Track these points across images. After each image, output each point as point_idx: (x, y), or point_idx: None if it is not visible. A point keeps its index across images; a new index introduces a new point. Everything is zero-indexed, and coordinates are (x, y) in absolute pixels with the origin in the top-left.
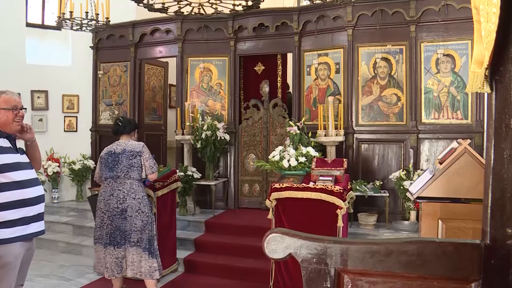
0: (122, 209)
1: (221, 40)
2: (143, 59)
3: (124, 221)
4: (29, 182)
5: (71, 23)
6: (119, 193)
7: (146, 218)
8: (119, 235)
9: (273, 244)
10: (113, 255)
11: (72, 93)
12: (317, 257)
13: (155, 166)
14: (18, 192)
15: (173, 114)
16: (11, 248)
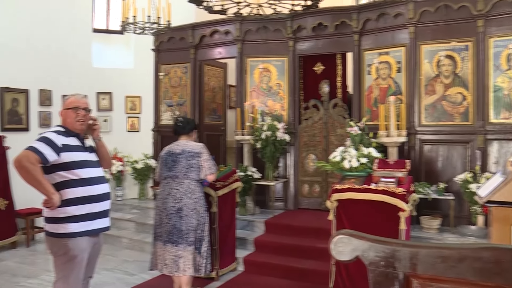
0: (178, 208)
1: (280, 41)
2: (203, 61)
3: (180, 220)
4: (96, 179)
5: (134, 27)
6: (176, 192)
7: (200, 218)
8: (176, 234)
9: (340, 246)
10: (171, 253)
11: (135, 94)
12: (385, 260)
13: (213, 167)
14: (85, 189)
15: (232, 114)
16: (78, 242)
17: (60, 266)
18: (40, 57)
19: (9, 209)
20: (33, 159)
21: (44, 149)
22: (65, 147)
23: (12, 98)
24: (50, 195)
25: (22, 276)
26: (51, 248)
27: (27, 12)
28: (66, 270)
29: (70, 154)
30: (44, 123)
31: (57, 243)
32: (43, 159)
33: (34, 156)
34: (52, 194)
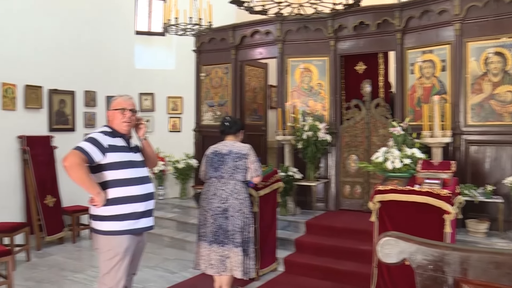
0: (224, 208)
1: (320, 40)
2: (244, 61)
3: (226, 220)
4: (141, 179)
5: (176, 29)
6: (222, 192)
7: (246, 219)
8: (222, 234)
9: (387, 248)
10: (217, 253)
11: (176, 95)
12: (433, 263)
13: (260, 169)
14: (130, 189)
15: (273, 114)
16: (121, 240)
17: (105, 262)
18: (85, 60)
19: (57, 206)
20: (80, 159)
21: (90, 149)
22: (111, 147)
23: (60, 99)
24: (95, 194)
25: (69, 270)
26: (97, 244)
27: (74, 17)
28: (110, 266)
29: (115, 154)
30: (89, 123)
31: (102, 240)
32: (89, 159)
33: (81, 156)
34: (98, 193)
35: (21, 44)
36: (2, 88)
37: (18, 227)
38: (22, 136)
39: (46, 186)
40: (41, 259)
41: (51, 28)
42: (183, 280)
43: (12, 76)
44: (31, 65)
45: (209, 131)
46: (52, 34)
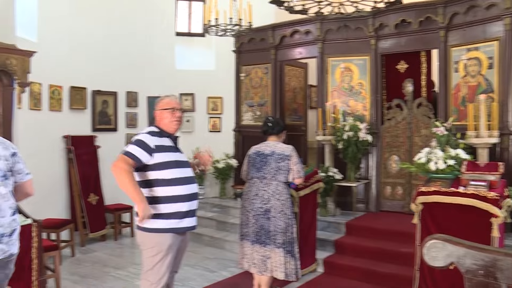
0: (266, 209)
1: (361, 39)
2: (284, 61)
3: (268, 221)
4: (186, 179)
5: (216, 29)
6: (264, 193)
7: (288, 220)
8: (264, 234)
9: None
10: (259, 253)
11: (216, 95)
12: (484, 269)
13: (302, 171)
14: (175, 188)
15: (313, 114)
16: (166, 237)
17: (148, 259)
18: (127, 61)
19: (99, 204)
20: (127, 165)
21: (137, 152)
22: (158, 148)
23: (103, 100)
24: (138, 203)
25: (111, 266)
26: (141, 241)
27: (116, 20)
28: (153, 263)
29: (162, 154)
30: (131, 124)
31: (146, 237)
32: (137, 162)
33: (129, 161)
34: (141, 202)
35: (66, 47)
36: (49, 89)
37: (63, 224)
38: (67, 136)
39: (90, 185)
40: (85, 255)
41: (95, 31)
42: (222, 279)
43: (59, 78)
44: (76, 67)
45: (249, 131)
46: (96, 37)
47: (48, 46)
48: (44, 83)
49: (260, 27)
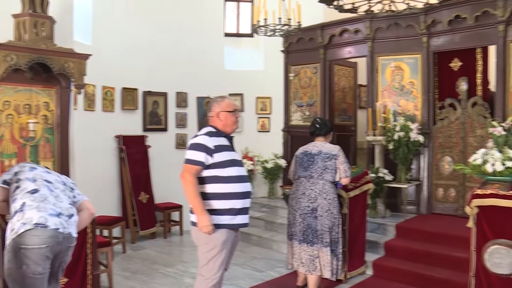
0: (313, 208)
1: (412, 37)
2: (333, 60)
3: (315, 220)
4: (241, 178)
5: (265, 30)
6: (310, 192)
7: (334, 219)
8: (311, 233)
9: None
10: (307, 252)
11: (265, 95)
12: None
13: (349, 170)
14: (231, 186)
15: (363, 114)
16: (220, 233)
17: (203, 254)
18: (177, 62)
19: (150, 203)
20: (192, 176)
21: (199, 156)
22: (217, 148)
23: (153, 100)
24: (198, 214)
25: (161, 264)
26: (195, 237)
27: (166, 22)
28: (208, 258)
29: (221, 154)
30: (181, 124)
31: (201, 233)
32: (201, 165)
33: (193, 169)
34: (201, 214)
35: (119, 49)
36: (102, 91)
37: (115, 221)
38: (119, 136)
39: (140, 183)
40: (135, 252)
41: (145, 34)
42: (270, 279)
43: (111, 80)
44: (127, 69)
45: (298, 131)
46: (146, 39)
47: (101, 49)
48: (97, 84)
49: (309, 27)
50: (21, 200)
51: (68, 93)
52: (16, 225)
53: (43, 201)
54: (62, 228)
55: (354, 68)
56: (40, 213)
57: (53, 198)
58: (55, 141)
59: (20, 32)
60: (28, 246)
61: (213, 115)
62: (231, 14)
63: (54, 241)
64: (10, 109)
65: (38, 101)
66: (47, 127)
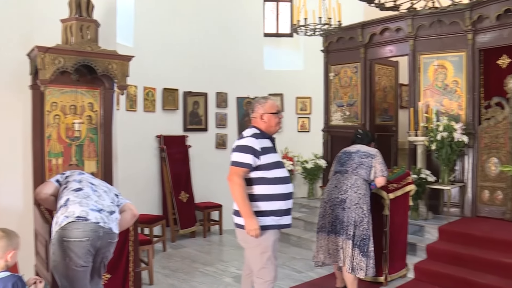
0: (342, 199)
1: (456, 34)
2: (373, 59)
3: (342, 211)
4: (285, 179)
5: (305, 29)
6: (342, 185)
7: (363, 215)
8: (338, 224)
9: None
10: (334, 243)
11: (305, 95)
12: None
13: (386, 171)
14: (277, 187)
15: (404, 114)
16: (269, 234)
17: (257, 257)
18: (217, 63)
19: (190, 202)
20: (239, 178)
21: (246, 159)
22: (263, 150)
23: (194, 101)
24: (246, 217)
25: (200, 262)
26: (244, 239)
27: (206, 23)
28: (264, 260)
29: (267, 156)
30: (220, 124)
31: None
32: (248, 168)
33: (240, 172)
34: (248, 217)
35: (159, 51)
36: (144, 91)
37: (156, 220)
38: (160, 136)
39: (181, 183)
40: (175, 250)
41: (185, 35)
42: (309, 280)
43: (152, 81)
44: (168, 69)
45: (338, 131)
46: (186, 40)
47: (142, 50)
48: (139, 85)
49: (349, 26)
50: (65, 197)
51: (111, 94)
52: (60, 218)
53: (86, 198)
54: (102, 222)
55: (395, 67)
56: (82, 208)
57: (96, 196)
58: (99, 141)
59: (67, 36)
60: (70, 238)
61: (256, 117)
62: (270, 14)
63: (95, 235)
64: (57, 110)
65: (83, 102)
66: (91, 127)
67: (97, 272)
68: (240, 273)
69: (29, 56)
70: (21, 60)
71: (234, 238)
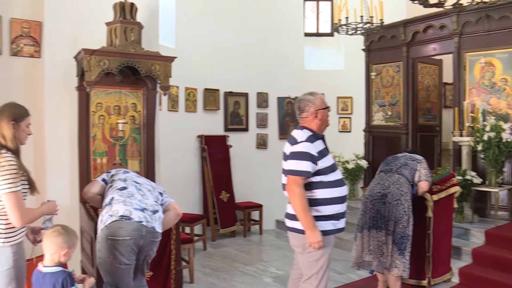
0: (383, 194)
1: (507, 29)
2: (416, 58)
3: (383, 206)
4: (341, 182)
5: (347, 28)
6: (385, 182)
7: (403, 212)
8: (380, 219)
9: None
10: (375, 238)
11: (346, 95)
12: None
13: (430, 178)
14: (335, 190)
15: (448, 114)
16: (328, 239)
17: (311, 263)
18: (258, 63)
19: (230, 202)
20: (299, 188)
21: (305, 166)
22: (319, 154)
23: (234, 101)
24: (307, 229)
25: (240, 262)
26: (298, 245)
27: (246, 24)
28: (319, 266)
29: (324, 160)
30: (261, 124)
31: (305, 240)
32: (307, 175)
33: (300, 181)
34: (309, 229)
35: (200, 52)
36: (185, 92)
37: (197, 219)
38: (201, 136)
39: (222, 182)
40: (215, 249)
41: (226, 35)
42: (350, 282)
43: (193, 81)
44: (209, 70)
45: (380, 132)
46: (227, 40)
47: (184, 51)
48: (180, 86)
49: (391, 24)
50: (110, 195)
51: (154, 94)
52: (105, 217)
53: (130, 197)
54: (145, 221)
55: (439, 66)
56: (126, 207)
57: (139, 195)
58: (142, 141)
59: (112, 38)
60: (114, 237)
61: (308, 116)
62: (310, 13)
63: (138, 234)
64: (101, 110)
65: (126, 102)
66: (134, 127)
67: (141, 270)
68: (280, 273)
69: (76, 58)
70: (68, 62)
71: (274, 238)
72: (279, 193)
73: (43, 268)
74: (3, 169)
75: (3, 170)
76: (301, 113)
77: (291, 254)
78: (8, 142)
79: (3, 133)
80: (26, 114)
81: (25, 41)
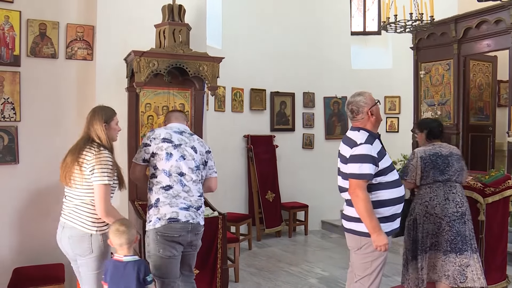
0: (462, 212)
1: None
2: (468, 55)
3: (464, 225)
4: (398, 182)
5: (395, 26)
6: (455, 196)
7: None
8: (460, 241)
9: None
10: (455, 263)
11: (394, 94)
12: None
13: None
14: (394, 191)
15: (502, 113)
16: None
17: (366, 264)
18: (304, 63)
19: (276, 201)
20: (363, 192)
21: (367, 169)
22: (379, 155)
23: (281, 101)
24: (372, 233)
25: (285, 262)
26: (355, 246)
27: (293, 24)
28: (373, 268)
29: (383, 160)
30: (308, 124)
31: (361, 241)
32: (370, 178)
33: (363, 184)
34: (374, 232)
35: (247, 52)
36: (232, 92)
37: (242, 218)
38: (247, 136)
39: (267, 182)
40: (260, 249)
41: (272, 35)
42: (396, 286)
43: (240, 81)
44: (255, 70)
45: None
46: (273, 40)
47: (230, 52)
48: (227, 86)
49: (441, 21)
50: (156, 195)
51: (201, 94)
52: (153, 219)
53: (175, 197)
54: (191, 219)
55: (493, 63)
56: (172, 209)
57: (184, 193)
58: None
59: (161, 40)
60: (164, 234)
61: (363, 116)
62: (357, 12)
63: (185, 231)
64: (150, 110)
65: (174, 102)
66: None
67: (188, 264)
68: (325, 274)
69: (126, 60)
70: (118, 64)
71: (320, 239)
72: (326, 194)
73: (124, 257)
74: (102, 164)
75: (102, 165)
76: (356, 115)
77: (336, 255)
78: (103, 142)
79: (98, 135)
80: (114, 114)
81: (79, 44)
